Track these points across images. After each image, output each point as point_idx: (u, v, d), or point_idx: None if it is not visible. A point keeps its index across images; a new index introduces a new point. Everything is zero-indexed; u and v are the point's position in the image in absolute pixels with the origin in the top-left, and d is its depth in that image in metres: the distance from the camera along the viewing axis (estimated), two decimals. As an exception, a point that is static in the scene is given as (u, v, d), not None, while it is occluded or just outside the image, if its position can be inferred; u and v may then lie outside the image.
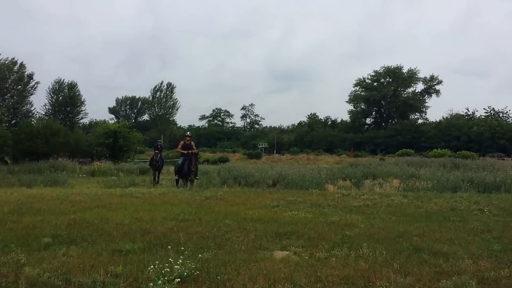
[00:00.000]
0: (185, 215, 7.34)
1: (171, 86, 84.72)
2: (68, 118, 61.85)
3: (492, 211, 8.22)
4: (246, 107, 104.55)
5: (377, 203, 9.30)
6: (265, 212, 7.88)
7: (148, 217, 7.16)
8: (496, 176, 14.15)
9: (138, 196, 10.17)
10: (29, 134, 33.24)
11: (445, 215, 7.76)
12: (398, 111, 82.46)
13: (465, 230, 6.39)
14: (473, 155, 43.73)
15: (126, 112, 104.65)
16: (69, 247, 5.11)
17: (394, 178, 17.22)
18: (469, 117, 76.26)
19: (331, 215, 7.61)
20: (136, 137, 41.65)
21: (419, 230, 6.34)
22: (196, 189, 12.42)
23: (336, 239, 5.55)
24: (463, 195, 10.90)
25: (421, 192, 12.08)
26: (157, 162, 18.71)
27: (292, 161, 50.62)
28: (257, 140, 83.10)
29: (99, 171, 23.50)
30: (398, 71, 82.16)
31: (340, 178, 16.57)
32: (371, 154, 63.49)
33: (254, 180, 15.54)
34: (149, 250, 4.97)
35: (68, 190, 12.30)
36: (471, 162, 27.56)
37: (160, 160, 18.99)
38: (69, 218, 6.95)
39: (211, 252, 4.86)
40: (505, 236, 5.94)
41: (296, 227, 6.39)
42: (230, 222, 6.71)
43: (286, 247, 5.19)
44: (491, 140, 62.69)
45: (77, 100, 64.25)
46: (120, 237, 5.63)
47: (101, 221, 6.74)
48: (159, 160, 18.89)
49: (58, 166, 22.87)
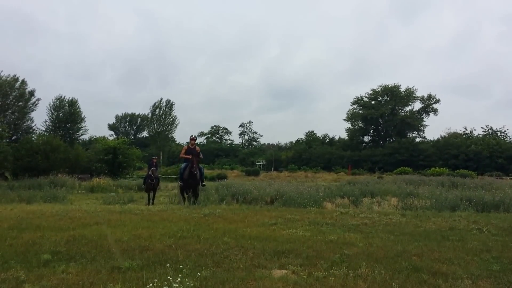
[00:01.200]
0: (184, 232, 7.33)
1: (170, 103, 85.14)
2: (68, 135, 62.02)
3: (491, 230, 8.23)
4: (244, 124, 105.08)
5: (375, 221, 9.30)
6: (263, 230, 7.88)
7: (146, 234, 7.15)
8: (494, 195, 14.17)
9: (137, 213, 10.16)
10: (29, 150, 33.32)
11: (443, 235, 7.76)
12: (396, 129, 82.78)
13: (464, 249, 6.40)
14: (471, 174, 43.77)
15: (125, 128, 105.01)
16: (68, 264, 5.11)
17: (392, 196, 17.22)
18: (467, 135, 76.53)
19: (330, 234, 7.61)
20: (135, 153, 41.76)
21: (418, 249, 6.34)
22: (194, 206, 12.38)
23: (334, 258, 5.55)
24: (462, 214, 10.91)
25: (419, 211, 12.08)
26: (152, 180, 17.49)
27: (290, 178, 50.49)
28: (255, 157, 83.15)
29: (98, 187, 23.50)
30: (395, 90, 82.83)
31: (338, 196, 16.56)
32: (369, 172, 63.49)
33: (252, 198, 15.53)
34: (147, 267, 4.97)
35: (67, 206, 12.28)
36: (470, 181, 27.59)
37: (156, 179, 17.81)
38: (68, 235, 6.94)
39: (210, 270, 4.87)
40: (504, 256, 5.94)
41: (295, 245, 6.38)
42: (229, 239, 6.71)
43: (284, 266, 5.19)
44: (489, 159, 62.79)
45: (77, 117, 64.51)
46: (119, 254, 5.62)
47: (100, 238, 6.73)
48: (154, 178, 17.64)
49: (58, 182, 22.87)
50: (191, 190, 13.80)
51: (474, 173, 47.90)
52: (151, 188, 17.55)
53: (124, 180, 31.04)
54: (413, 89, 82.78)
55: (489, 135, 74.50)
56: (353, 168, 65.54)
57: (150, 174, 17.69)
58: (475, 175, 43.82)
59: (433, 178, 32.23)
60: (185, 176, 13.52)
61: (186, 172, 13.47)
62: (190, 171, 13.39)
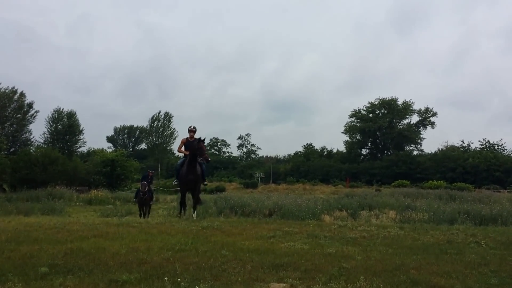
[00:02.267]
0: (182, 245, 7.32)
1: (169, 115, 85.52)
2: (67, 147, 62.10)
3: (489, 244, 8.23)
4: (242, 137, 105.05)
5: (373, 234, 9.29)
6: (262, 243, 7.87)
7: (144, 247, 7.13)
8: (492, 209, 14.21)
9: (134, 226, 10.13)
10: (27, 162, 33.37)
11: (442, 248, 7.76)
12: (394, 142, 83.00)
13: (462, 263, 6.40)
14: (469, 187, 43.87)
15: (124, 141, 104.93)
16: (66, 276, 5.09)
17: (390, 209, 17.23)
18: (464, 149, 76.74)
19: (328, 247, 7.60)
20: (133, 165, 41.80)
21: (416, 262, 6.34)
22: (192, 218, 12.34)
23: (333, 271, 5.55)
24: (460, 227, 10.91)
25: (417, 224, 12.09)
26: (144, 194, 16.58)
27: (288, 191, 50.45)
28: (253, 169, 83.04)
29: (96, 200, 23.51)
30: (393, 103, 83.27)
31: (336, 209, 16.57)
32: (367, 185, 63.46)
33: (251, 210, 15.54)
34: (145, 280, 4.96)
35: (65, 219, 12.25)
36: (467, 194, 27.65)
37: (147, 193, 16.78)
38: (66, 247, 6.92)
39: (208, 283, 4.86)
40: (502, 270, 5.95)
41: (293, 258, 6.38)
42: (227, 252, 6.70)
43: (283, 279, 5.18)
44: (487, 172, 62.86)
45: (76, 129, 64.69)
46: (116, 267, 5.61)
47: (97, 250, 6.72)
48: (146, 192, 16.67)
49: (56, 194, 22.88)
50: (191, 191, 12.23)
51: (472, 186, 47.99)
52: (143, 203, 16.75)
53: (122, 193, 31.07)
54: (410, 102, 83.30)
55: (487, 148, 74.67)
56: (351, 181, 65.54)
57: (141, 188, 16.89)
58: (472, 188, 43.91)
59: (430, 191, 32.28)
60: (183, 172, 11.71)
61: (184, 168, 11.71)
62: (188, 169, 11.55)
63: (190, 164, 11.60)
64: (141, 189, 16.50)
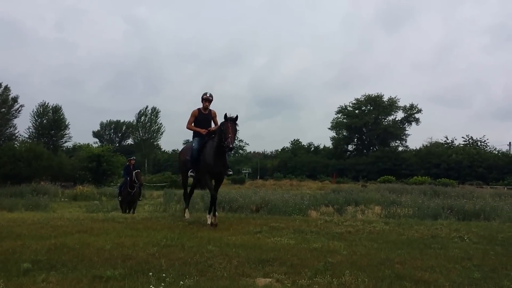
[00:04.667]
0: (168, 240, 7.27)
1: (156, 110, 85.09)
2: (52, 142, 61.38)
3: (472, 238, 8.34)
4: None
5: (359, 229, 9.36)
6: (248, 238, 7.86)
7: (130, 242, 7.07)
8: (475, 204, 14.43)
9: (120, 221, 10.03)
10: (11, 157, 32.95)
11: (426, 243, 7.84)
12: (379, 138, 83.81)
13: (446, 257, 6.48)
14: (452, 183, 44.52)
15: (110, 136, 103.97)
16: (49, 273, 5.02)
17: (376, 204, 17.38)
18: (448, 145, 77.80)
19: (314, 242, 7.63)
20: (120, 161, 41.53)
21: (401, 257, 6.39)
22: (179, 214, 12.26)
23: (318, 266, 5.57)
24: (444, 222, 11.05)
25: (402, 219, 12.22)
26: (132, 189, 14.28)
27: (276, 186, 50.58)
28: (241, 165, 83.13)
29: (82, 195, 23.28)
30: (378, 99, 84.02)
31: (323, 204, 16.67)
32: (353, 181, 63.99)
33: (238, 206, 15.55)
34: (130, 276, 4.91)
35: (49, 214, 12.07)
36: (451, 189, 28.09)
37: (138, 187, 14.61)
38: (49, 243, 6.82)
39: (193, 279, 4.83)
40: (485, 264, 6.03)
41: (279, 253, 6.38)
42: (213, 248, 6.68)
43: (268, 274, 5.18)
44: (470, 168, 63.91)
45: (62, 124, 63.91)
46: (101, 263, 5.55)
47: (82, 246, 6.64)
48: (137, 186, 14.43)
49: (40, 190, 22.59)
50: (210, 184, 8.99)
51: (455, 182, 48.73)
52: (131, 200, 14.44)
53: (108, 188, 30.76)
54: (396, 98, 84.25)
55: (470, 144, 75.88)
56: (337, 177, 66.03)
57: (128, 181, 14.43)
58: (456, 184, 44.57)
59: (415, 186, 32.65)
60: (210, 161, 8.51)
61: (210, 156, 8.51)
62: (216, 161, 8.48)
63: (219, 151, 8.48)
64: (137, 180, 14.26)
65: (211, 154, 8.57)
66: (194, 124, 9.24)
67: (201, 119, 9.23)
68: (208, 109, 9.32)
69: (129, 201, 14.51)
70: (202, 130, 9.06)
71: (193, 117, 9.28)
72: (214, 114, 9.43)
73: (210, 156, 8.59)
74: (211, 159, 8.57)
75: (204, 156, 8.72)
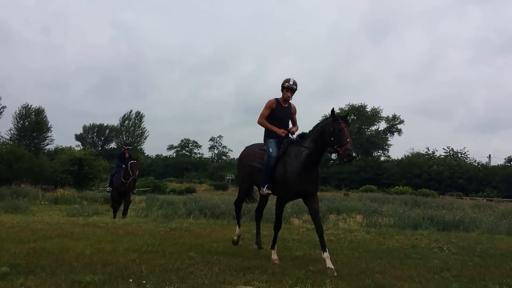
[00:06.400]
0: (149, 246, 7.23)
1: (140, 115, 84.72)
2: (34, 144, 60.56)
3: (451, 249, 8.47)
4: (214, 139, 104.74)
5: (340, 238, 9.44)
6: (230, 245, 7.86)
7: (110, 248, 7.01)
8: (455, 215, 14.66)
9: (101, 226, 9.93)
10: (-8, 159, 32.27)
11: (406, 252, 7.95)
12: (362, 148, 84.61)
13: (425, 268, 6.56)
14: (433, 193, 45.09)
15: (93, 139, 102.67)
16: (27, 277, 4.94)
17: (357, 213, 17.52)
18: (429, 156, 78.95)
19: (296, 250, 7.67)
20: (102, 165, 41.12)
21: (381, 266, 6.46)
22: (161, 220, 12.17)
23: (299, 275, 5.59)
24: (424, 232, 11.20)
25: (383, 228, 12.34)
26: (126, 180, 12.96)
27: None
28: (224, 171, 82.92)
29: (62, 199, 22.91)
30: (362, 110, 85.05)
31: (305, 212, 16.68)
32: (335, 189, 64.37)
33: (220, 212, 15.51)
34: (110, 282, 4.86)
35: (29, 218, 11.91)
36: (431, 200, 28.41)
37: (133, 179, 13.16)
38: (28, 247, 6.71)
39: (174, 285, 4.81)
40: (463, 275, 6.13)
41: (261, 261, 6.39)
42: (194, 254, 6.66)
43: (249, 282, 5.18)
44: (450, 179, 64.89)
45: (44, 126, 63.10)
46: (80, 268, 5.49)
47: (61, 251, 6.55)
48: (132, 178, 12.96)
49: (20, 193, 22.11)
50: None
51: (436, 192, 49.34)
52: (124, 191, 13.01)
53: (89, 192, 30.40)
54: (379, 109, 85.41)
55: (450, 156, 77.11)
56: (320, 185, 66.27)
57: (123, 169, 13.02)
58: (436, 195, 45.14)
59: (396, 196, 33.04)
60: (297, 174, 6.19)
61: (293, 163, 6.26)
62: (313, 159, 6.30)
63: (311, 162, 6.30)
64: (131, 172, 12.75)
65: (296, 165, 6.24)
66: (269, 120, 6.81)
67: (279, 114, 6.86)
68: (289, 101, 6.96)
69: (122, 192, 13.06)
70: (281, 131, 6.67)
71: (268, 109, 6.82)
72: (294, 109, 7.11)
73: (295, 168, 6.23)
74: (295, 172, 6.21)
75: (286, 167, 6.32)
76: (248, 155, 7.37)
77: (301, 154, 6.29)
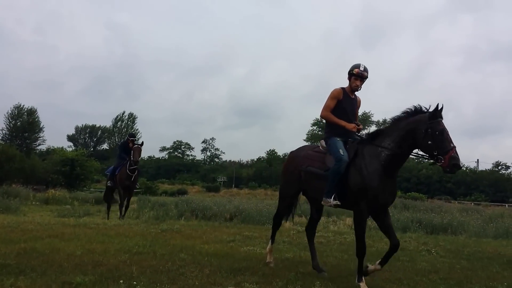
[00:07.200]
0: (140, 247, 7.24)
1: (133, 116, 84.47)
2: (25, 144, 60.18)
3: (439, 252, 8.58)
4: (207, 141, 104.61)
5: (330, 240, 9.51)
6: (221, 247, 7.90)
7: (101, 249, 7.01)
8: (443, 218, 14.81)
9: (92, 227, 9.92)
10: (-18, 159, 31.99)
11: (394, 255, 7.97)
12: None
13: (414, 270, 6.66)
14: (422, 197, 45.47)
15: (85, 140, 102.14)
16: (17, 277, 4.94)
17: (347, 216, 17.60)
18: (419, 160, 79.39)
19: (286, 252, 7.73)
20: (94, 166, 40.96)
21: (370, 269, 6.52)
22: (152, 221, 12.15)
23: (289, 276, 5.64)
24: (412, 235, 11.31)
25: (372, 231, 12.41)
26: (132, 173, 11.83)
27: (250, 195, 50.62)
28: (216, 173, 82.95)
29: (53, 199, 22.75)
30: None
31: (296, 215, 16.77)
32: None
33: (212, 214, 15.53)
34: (100, 283, 4.88)
35: (20, 218, 11.85)
36: (420, 203, 28.64)
37: (138, 171, 12.12)
38: (19, 247, 6.70)
39: (164, 287, 4.84)
40: (451, 278, 6.22)
41: (251, 263, 6.44)
42: (185, 256, 6.69)
43: (240, 283, 5.23)
44: (439, 183, 65.48)
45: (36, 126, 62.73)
46: (71, 269, 5.49)
47: (52, 251, 6.55)
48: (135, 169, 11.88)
49: (11, 193, 21.86)
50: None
51: (425, 196, 49.76)
52: (129, 185, 11.92)
53: (80, 193, 30.21)
54: (370, 113, 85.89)
55: (440, 160, 77.62)
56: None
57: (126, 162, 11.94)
58: (425, 198, 45.53)
59: (387, 199, 33.10)
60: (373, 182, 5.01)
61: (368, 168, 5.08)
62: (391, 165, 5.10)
63: (395, 164, 5.16)
64: (134, 162, 11.60)
65: (377, 169, 5.06)
66: (335, 113, 5.68)
67: (346, 106, 5.72)
68: (357, 91, 5.86)
69: (127, 186, 11.90)
70: (352, 125, 5.57)
71: (334, 100, 5.68)
72: (359, 103, 6.02)
73: (376, 172, 5.05)
74: (378, 178, 5.03)
75: (362, 172, 5.10)
76: (301, 158, 6.01)
77: (380, 155, 5.11)
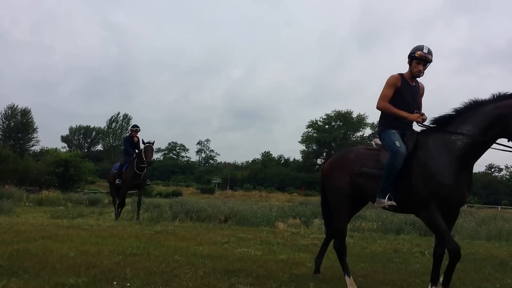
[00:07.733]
0: (134, 249, 7.22)
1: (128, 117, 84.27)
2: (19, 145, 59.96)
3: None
4: (202, 142, 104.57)
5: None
6: (215, 248, 7.89)
7: (94, 250, 6.99)
8: (437, 220, 14.84)
9: (85, 228, 9.88)
10: (-25, 160, 31.83)
11: (388, 257, 8.06)
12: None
13: (407, 272, 6.67)
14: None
15: (79, 141, 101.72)
16: (10, 279, 4.91)
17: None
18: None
19: (280, 253, 7.73)
20: (88, 167, 40.83)
21: (364, 270, 6.56)
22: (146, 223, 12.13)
23: (284, 278, 5.65)
24: (406, 237, 11.37)
25: (366, 233, 12.48)
26: (141, 171, 11.19)
27: (245, 197, 50.59)
28: (211, 175, 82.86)
29: (47, 200, 22.61)
30: (348, 116, 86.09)
31: (290, 216, 16.80)
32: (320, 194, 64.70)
33: (206, 215, 15.50)
34: (93, 284, 4.86)
35: (13, 219, 11.79)
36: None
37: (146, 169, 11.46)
38: (11, 249, 6.66)
39: (158, 288, 4.84)
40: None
41: (245, 264, 6.45)
42: (179, 258, 6.67)
43: (234, 285, 5.22)
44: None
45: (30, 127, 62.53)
46: (64, 270, 5.47)
47: (45, 252, 6.52)
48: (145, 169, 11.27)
49: (4, 194, 21.69)
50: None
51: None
52: (138, 184, 11.37)
53: (74, 194, 30.01)
54: (364, 115, 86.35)
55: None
56: (306, 189, 66.56)
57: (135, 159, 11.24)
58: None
59: (381, 201, 33.24)
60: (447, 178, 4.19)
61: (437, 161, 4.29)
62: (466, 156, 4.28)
63: (474, 153, 4.37)
64: (146, 159, 10.86)
65: (450, 160, 4.30)
66: (393, 102, 4.98)
67: (406, 95, 5.00)
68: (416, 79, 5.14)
69: (135, 185, 11.52)
70: (415, 115, 4.88)
71: (392, 88, 4.98)
72: (423, 90, 5.31)
73: (448, 164, 4.29)
74: (451, 171, 4.28)
75: (429, 165, 4.38)
76: (351, 159, 5.25)
77: (454, 144, 4.34)
